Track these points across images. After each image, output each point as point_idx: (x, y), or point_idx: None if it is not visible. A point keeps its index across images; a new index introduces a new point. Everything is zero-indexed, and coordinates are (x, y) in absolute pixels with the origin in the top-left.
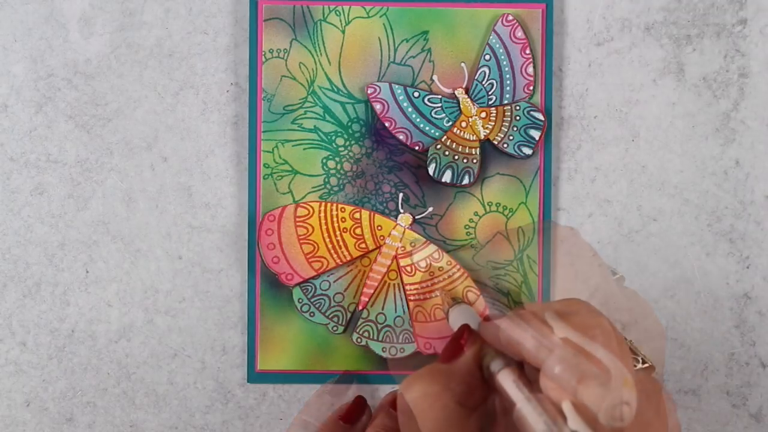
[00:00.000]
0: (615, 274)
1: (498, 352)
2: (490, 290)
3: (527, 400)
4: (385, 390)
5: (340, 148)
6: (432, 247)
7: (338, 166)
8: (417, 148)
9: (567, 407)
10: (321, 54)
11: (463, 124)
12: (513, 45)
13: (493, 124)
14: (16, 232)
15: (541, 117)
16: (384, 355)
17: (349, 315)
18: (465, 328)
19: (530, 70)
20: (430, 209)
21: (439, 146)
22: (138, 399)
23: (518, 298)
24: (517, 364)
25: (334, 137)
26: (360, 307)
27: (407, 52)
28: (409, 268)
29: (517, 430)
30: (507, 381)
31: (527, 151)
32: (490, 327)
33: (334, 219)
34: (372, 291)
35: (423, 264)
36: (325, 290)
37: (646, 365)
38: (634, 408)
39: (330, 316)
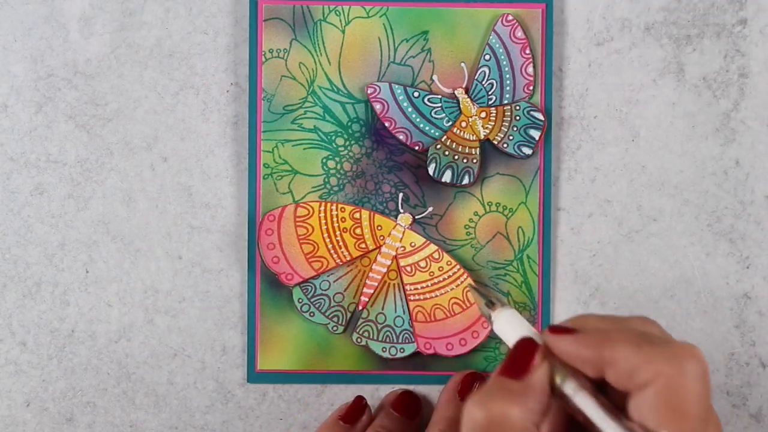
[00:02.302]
0: None
1: (569, 368)
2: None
3: (620, 430)
4: (385, 390)
5: (340, 148)
6: (432, 247)
7: (338, 166)
8: (417, 148)
9: None
10: (321, 54)
11: (463, 124)
12: (513, 45)
13: (493, 124)
14: (16, 232)
15: (541, 117)
16: (384, 355)
17: (349, 315)
18: (535, 345)
19: (530, 70)
20: (430, 209)
21: (439, 146)
22: (138, 399)
23: (518, 298)
24: (591, 382)
25: (334, 137)
26: (360, 307)
27: (407, 52)
28: (409, 268)
29: None
30: (589, 406)
31: (527, 151)
32: (570, 343)
33: (334, 219)
34: (372, 291)
35: (423, 264)
36: (325, 290)
37: None
38: None
39: (330, 316)
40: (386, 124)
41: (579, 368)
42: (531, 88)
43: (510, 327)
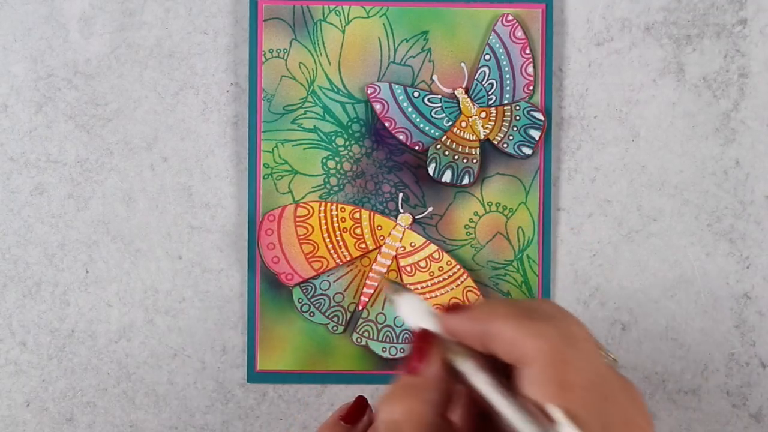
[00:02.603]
0: (609, 356)
1: (463, 347)
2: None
3: (511, 406)
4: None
5: (340, 148)
6: (432, 247)
7: (338, 166)
8: (417, 148)
9: (558, 413)
10: (321, 54)
11: (463, 124)
12: (513, 45)
13: (493, 124)
14: (16, 232)
15: (541, 117)
16: (384, 355)
17: (349, 315)
18: (425, 335)
19: (530, 70)
20: (430, 209)
21: (439, 146)
22: (138, 399)
23: (519, 298)
24: (484, 358)
25: (334, 137)
26: (360, 307)
27: (407, 52)
28: (409, 268)
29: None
30: (482, 384)
31: (527, 151)
32: (458, 320)
33: (334, 219)
34: (372, 291)
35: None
36: (325, 290)
37: (611, 358)
38: None
39: (330, 316)
40: (386, 124)
41: (471, 345)
42: (531, 88)
43: (412, 312)
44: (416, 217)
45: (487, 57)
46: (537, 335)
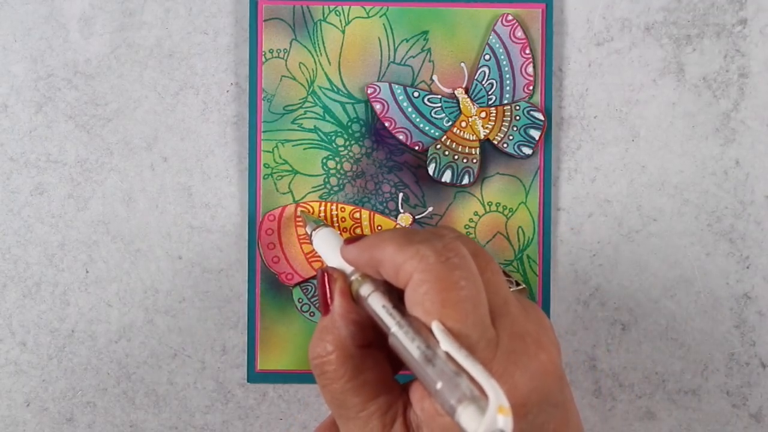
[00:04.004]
0: (518, 285)
1: (365, 276)
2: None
3: (399, 326)
4: None
5: (340, 148)
6: None
7: (338, 166)
8: (417, 148)
9: (436, 328)
10: (321, 54)
11: (463, 124)
12: (513, 45)
13: (492, 123)
14: (16, 232)
15: (541, 117)
16: None
17: None
18: (326, 275)
19: (530, 70)
20: (430, 209)
21: (438, 146)
22: (138, 399)
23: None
24: (385, 285)
25: (334, 137)
26: None
27: (407, 52)
28: None
29: None
30: (377, 306)
31: (527, 150)
32: (352, 250)
33: (334, 219)
34: None
35: None
36: None
37: (521, 287)
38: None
39: None
40: (386, 124)
41: (370, 273)
42: (531, 88)
43: (321, 247)
44: (416, 217)
45: (487, 57)
46: (414, 256)
